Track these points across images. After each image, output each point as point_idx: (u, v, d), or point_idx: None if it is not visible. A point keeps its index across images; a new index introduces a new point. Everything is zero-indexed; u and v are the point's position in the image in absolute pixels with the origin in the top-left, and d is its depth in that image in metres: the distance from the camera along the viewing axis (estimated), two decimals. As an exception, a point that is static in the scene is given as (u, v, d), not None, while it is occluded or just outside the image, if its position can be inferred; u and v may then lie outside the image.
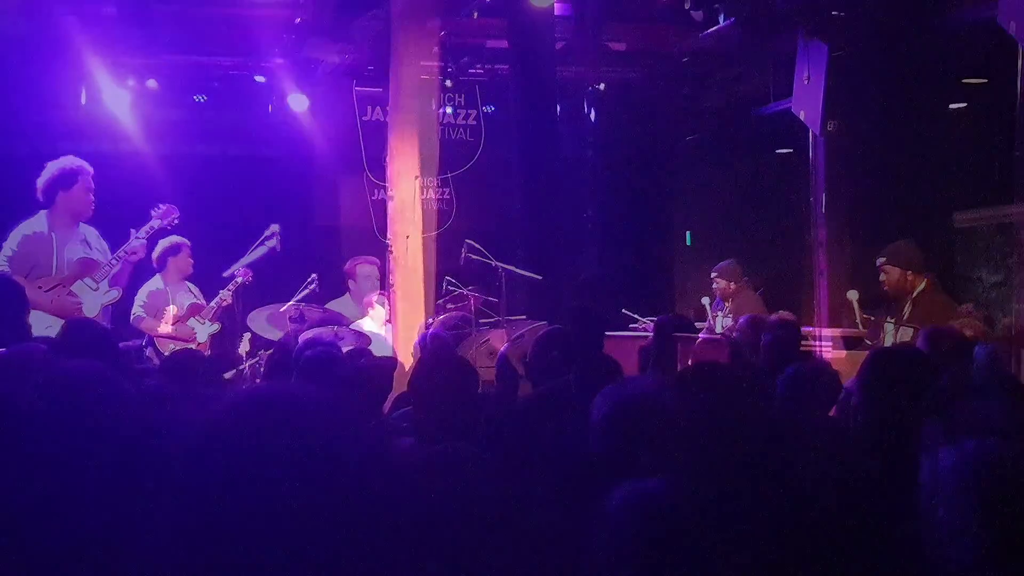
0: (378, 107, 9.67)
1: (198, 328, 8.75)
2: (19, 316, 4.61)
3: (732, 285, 9.65)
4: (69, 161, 7.81)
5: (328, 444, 1.83)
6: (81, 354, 4.15)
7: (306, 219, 11.05)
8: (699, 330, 7.35)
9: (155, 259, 8.70)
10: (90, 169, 7.85)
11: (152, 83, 10.04)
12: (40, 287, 7.47)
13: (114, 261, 7.87)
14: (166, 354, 7.94)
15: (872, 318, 7.69)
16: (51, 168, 7.75)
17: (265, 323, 8.66)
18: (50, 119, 9.85)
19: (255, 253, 8.91)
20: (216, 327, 8.86)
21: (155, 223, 8.24)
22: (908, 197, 9.38)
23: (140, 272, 8.56)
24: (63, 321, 6.94)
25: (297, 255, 9.40)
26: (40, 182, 7.73)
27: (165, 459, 2.18)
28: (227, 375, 7.72)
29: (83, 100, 10.07)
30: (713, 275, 9.74)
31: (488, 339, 8.30)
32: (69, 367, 3.22)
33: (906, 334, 7.13)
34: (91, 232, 7.97)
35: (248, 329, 8.67)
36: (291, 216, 10.32)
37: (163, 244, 8.77)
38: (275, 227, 8.93)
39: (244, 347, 8.63)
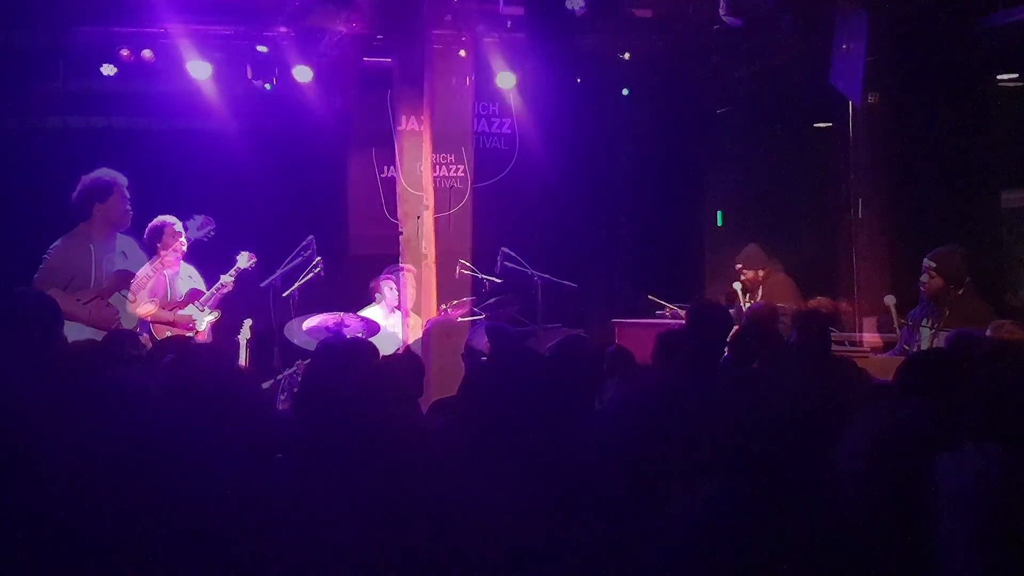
0: (412, 117, 9.35)
1: (197, 316, 8.29)
2: (53, 330, 4.69)
3: (760, 273, 9.35)
4: (104, 173, 7.97)
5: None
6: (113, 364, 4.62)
7: (313, 199, 10.71)
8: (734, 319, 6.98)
9: (144, 241, 8.38)
10: (125, 180, 8.00)
11: (148, 53, 9.63)
12: (79, 299, 7.63)
13: (151, 272, 8.07)
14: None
15: (909, 323, 7.70)
16: (86, 181, 7.94)
17: (303, 333, 8.56)
18: (35, 91, 9.68)
19: (291, 264, 8.72)
20: (216, 315, 8.43)
21: (191, 235, 8.37)
22: (953, 174, 9.26)
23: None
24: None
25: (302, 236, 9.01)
26: (75, 196, 7.92)
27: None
28: (265, 384, 7.77)
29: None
30: (738, 266, 9.35)
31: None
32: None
33: (943, 339, 7.12)
34: (128, 243, 8.12)
35: (248, 316, 8.38)
36: (296, 195, 10.24)
37: (149, 227, 8.39)
38: (311, 237, 8.80)
39: (245, 334, 8.36)
